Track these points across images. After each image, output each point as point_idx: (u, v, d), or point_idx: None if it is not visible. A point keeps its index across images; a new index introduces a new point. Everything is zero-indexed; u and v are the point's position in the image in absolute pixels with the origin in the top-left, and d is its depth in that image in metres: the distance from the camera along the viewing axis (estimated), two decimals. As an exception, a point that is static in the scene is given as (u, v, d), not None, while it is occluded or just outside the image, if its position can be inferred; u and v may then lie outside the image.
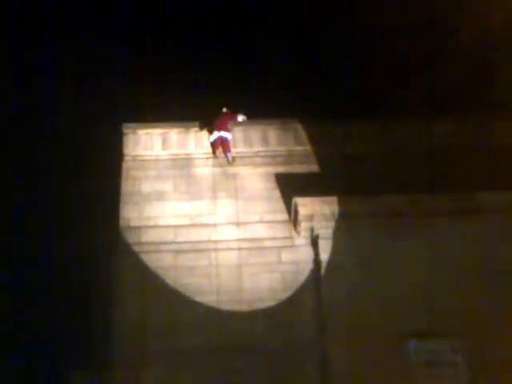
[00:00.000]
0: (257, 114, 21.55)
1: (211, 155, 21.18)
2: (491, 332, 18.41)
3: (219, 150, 21.02)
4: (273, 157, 21.32)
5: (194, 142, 21.45)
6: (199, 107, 21.48)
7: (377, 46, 25.06)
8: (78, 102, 22.03)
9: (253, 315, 19.12)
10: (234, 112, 21.42)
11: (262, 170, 21.14)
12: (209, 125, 21.23)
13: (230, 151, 20.91)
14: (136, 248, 19.94)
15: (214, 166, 21.13)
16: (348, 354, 18.14)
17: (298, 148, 21.44)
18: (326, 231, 19.55)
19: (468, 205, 19.44)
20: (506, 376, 18.01)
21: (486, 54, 22.77)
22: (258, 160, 21.28)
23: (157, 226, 20.30)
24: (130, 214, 20.43)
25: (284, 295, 19.43)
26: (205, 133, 21.43)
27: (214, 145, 21.03)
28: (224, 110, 21.22)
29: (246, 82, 22.78)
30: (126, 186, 20.83)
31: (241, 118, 21.27)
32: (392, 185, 19.97)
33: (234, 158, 20.98)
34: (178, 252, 19.94)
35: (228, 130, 20.89)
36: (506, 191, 19.54)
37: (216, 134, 20.84)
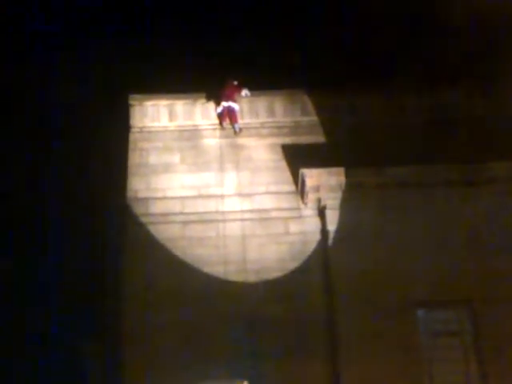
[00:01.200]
0: (263, 85, 21.46)
1: (218, 126, 21.17)
2: (497, 301, 18.50)
3: (226, 121, 21.01)
4: (279, 128, 21.30)
5: (201, 113, 21.42)
6: (206, 78, 21.40)
7: (383, 16, 24.91)
8: (83, 74, 21.99)
9: (260, 285, 19.23)
10: (240, 84, 21.34)
11: (268, 141, 21.13)
12: (216, 95, 21.19)
13: (237, 122, 20.90)
14: (144, 219, 20.02)
15: (220, 137, 21.12)
16: (356, 324, 18.28)
17: (305, 119, 21.40)
18: (333, 202, 19.59)
19: (478, 175, 19.46)
20: (510, 346, 18.14)
21: (489, 26, 22.62)
22: (265, 131, 21.27)
23: (164, 198, 20.36)
24: (138, 185, 20.49)
25: (291, 266, 19.51)
26: (211, 104, 21.38)
27: (221, 115, 21.00)
28: (235, 82, 21.12)
29: (252, 53, 22.68)
30: (133, 158, 20.87)
31: (244, 92, 21.14)
32: (399, 156, 19.95)
33: (241, 128, 20.98)
34: (185, 223, 20.02)
35: (235, 101, 20.85)
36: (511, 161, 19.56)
37: (223, 105, 20.82)
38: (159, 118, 21.36)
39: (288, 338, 18.70)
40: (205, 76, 21.64)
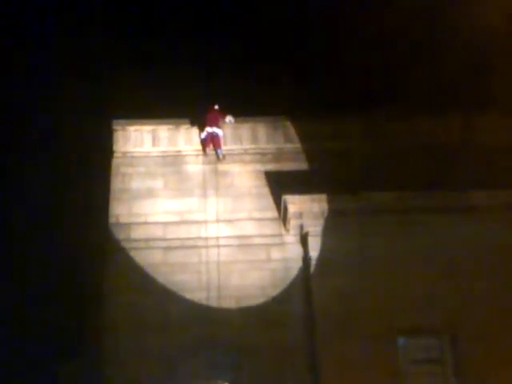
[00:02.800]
0: (246, 112, 21.54)
1: (201, 152, 21.20)
2: (478, 328, 18.54)
3: (210, 147, 21.04)
4: (262, 154, 21.36)
5: (184, 138, 21.46)
6: (189, 105, 21.45)
7: (365, 43, 25.11)
8: (67, 99, 21.97)
9: (242, 312, 19.18)
10: (222, 108, 21.36)
11: (251, 167, 21.18)
12: (199, 121, 21.23)
13: (220, 148, 20.94)
14: (126, 244, 19.96)
15: (203, 163, 21.15)
16: (337, 352, 18.21)
17: (288, 145, 21.49)
18: (315, 229, 19.62)
19: (457, 203, 19.57)
20: (493, 372, 18.15)
21: (478, 52, 22.87)
22: (248, 157, 21.32)
23: (146, 223, 20.32)
24: (120, 210, 20.44)
25: (273, 292, 19.50)
26: (195, 130, 21.43)
27: (204, 141, 21.04)
28: (215, 106, 21.19)
29: (235, 80, 22.79)
30: (116, 183, 20.83)
31: (228, 119, 21.11)
32: (381, 182, 20.04)
33: (224, 155, 21.02)
34: (167, 249, 19.98)
35: (219, 127, 20.90)
36: (495, 190, 19.68)
37: (207, 130, 20.84)
38: (142, 143, 21.37)
39: (269, 365, 18.63)
40: (188, 102, 21.70)
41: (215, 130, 20.81)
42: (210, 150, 21.05)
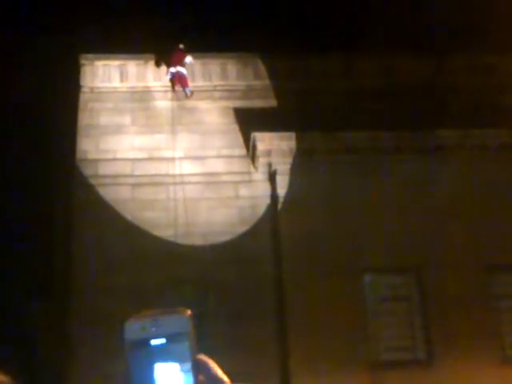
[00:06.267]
0: (216, 48, 21.24)
1: (170, 89, 20.94)
2: (444, 267, 18.78)
3: (177, 86, 20.77)
4: (231, 91, 21.17)
5: (153, 74, 21.18)
6: (158, 40, 21.09)
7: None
8: (32, 32, 21.53)
9: (210, 249, 19.23)
10: (185, 49, 20.91)
11: (220, 104, 21.00)
12: (165, 60, 20.89)
13: (187, 86, 20.68)
14: (93, 181, 19.83)
15: (172, 99, 20.91)
16: (303, 288, 18.40)
17: (257, 83, 21.29)
18: (283, 167, 19.60)
19: (429, 142, 19.62)
20: (456, 309, 18.45)
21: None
22: (217, 94, 21.12)
23: (114, 159, 20.17)
24: (87, 146, 20.26)
25: (241, 230, 19.55)
26: (163, 66, 21.11)
27: (172, 80, 20.76)
28: (180, 46, 20.76)
29: (206, 15, 22.40)
30: (84, 119, 20.60)
31: (188, 59, 20.63)
32: (351, 121, 19.97)
33: (192, 92, 20.78)
34: (135, 185, 19.89)
35: (183, 65, 20.52)
36: (465, 129, 19.72)
37: (171, 71, 20.49)
38: (110, 78, 21.07)
39: (236, 301, 18.76)
40: (157, 37, 21.31)
41: (179, 69, 20.46)
42: (178, 87, 20.78)
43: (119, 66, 21.17)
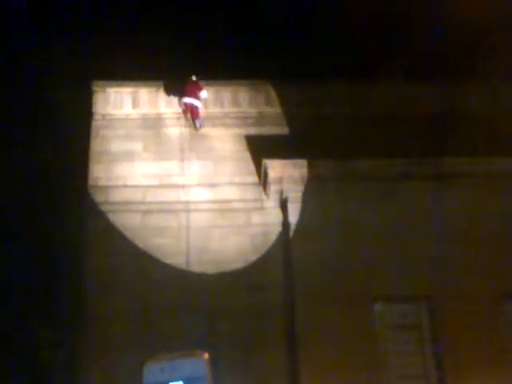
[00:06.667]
0: (228, 75, 21.33)
1: (182, 115, 20.97)
2: (455, 295, 18.71)
3: (188, 117, 20.80)
4: (243, 118, 21.21)
5: (165, 101, 21.23)
6: (171, 67, 21.21)
7: (349, 8, 24.88)
8: (47, 60, 21.68)
9: (221, 277, 19.19)
10: (199, 80, 20.92)
11: (232, 131, 21.04)
12: (176, 89, 20.96)
13: (198, 118, 20.72)
14: (104, 207, 19.82)
15: (184, 126, 20.96)
16: (315, 316, 18.34)
17: (269, 110, 21.34)
18: (295, 194, 19.59)
19: (437, 170, 19.62)
20: (468, 337, 18.35)
21: (469, 21, 22.75)
22: (229, 121, 21.17)
23: (125, 186, 20.17)
24: (99, 173, 20.27)
25: (253, 257, 19.51)
26: (175, 93, 21.17)
27: (184, 111, 20.80)
28: (193, 77, 20.83)
29: (218, 43, 22.56)
30: (95, 145, 20.64)
31: (204, 94, 20.63)
32: (362, 149, 19.99)
33: (201, 125, 20.79)
34: (146, 212, 19.88)
35: (197, 98, 20.60)
36: (474, 158, 19.72)
37: (185, 101, 20.53)
38: (122, 105, 21.13)
39: (247, 329, 18.71)
40: (169, 64, 21.45)
41: (193, 101, 20.51)
42: (188, 117, 20.80)
43: (131, 92, 21.24)
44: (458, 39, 22.09)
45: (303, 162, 19.63)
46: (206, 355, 4.52)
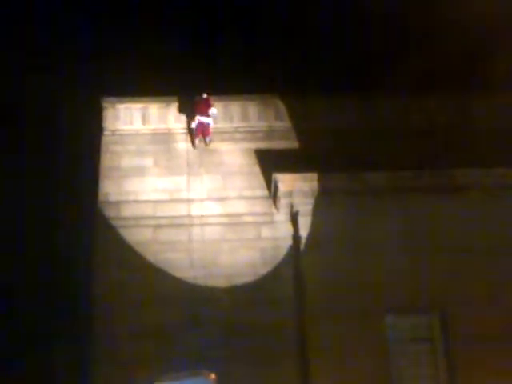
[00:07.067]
0: (237, 90, 21.42)
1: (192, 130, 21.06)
2: (467, 307, 18.61)
3: (199, 136, 20.82)
4: (253, 132, 21.27)
5: (174, 117, 21.34)
6: (180, 83, 21.31)
7: (360, 21, 24.96)
8: (57, 76, 21.86)
9: (231, 291, 19.20)
10: (209, 97, 20.93)
11: (241, 145, 21.10)
12: (188, 107, 21.04)
13: (209, 135, 20.82)
14: (115, 223, 19.90)
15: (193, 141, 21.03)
16: (326, 329, 18.30)
17: (278, 124, 21.39)
18: (305, 208, 19.60)
19: (447, 182, 19.59)
20: (482, 348, 18.23)
21: (473, 34, 22.79)
22: (238, 135, 21.23)
23: (136, 201, 20.25)
24: (109, 188, 20.36)
25: (263, 271, 19.51)
26: (185, 108, 21.27)
27: (195, 130, 20.84)
28: (204, 95, 20.90)
29: (227, 58, 22.67)
30: (106, 161, 20.74)
31: (213, 111, 20.67)
32: (372, 161, 20.01)
33: (210, 140, 20.86)
34: (157, 227, 19.94)
35: (208, 116, 20.69)
36: (485, 169, 19.68)
37: (198, 119, 20.60)
38: (132, 121, 21.23)
39: (258, 343, 18.68)
40: (179, 80, 21.56)
41: (205, 119, 20.60)
42: (199, 137, 20.85)
43: (141, 108, 21.35)
44: (464, 50, 22.11)
45: (313, 176, 19.65)
46: (213, 375, 4.52)
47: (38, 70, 22.07)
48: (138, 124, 21.23)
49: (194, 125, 20.78)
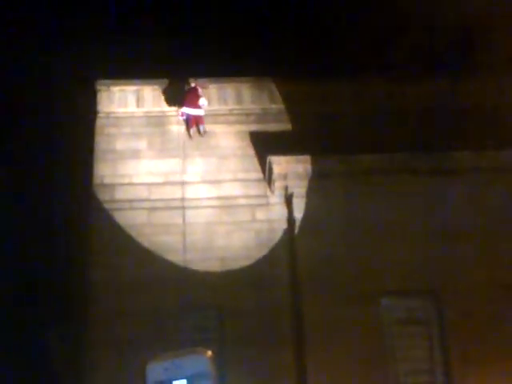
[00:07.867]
0: (231, 72, 21.33)
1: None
2: (462, 290, 18.64)
3: (193, 126, 20.62)
4: (247, 115, 21.20)
5: (169, 99, 21.22)
6: (174, 65, 21.20)
7: (355, 5, 24.86)
8: (50, 58, 21.76)
9: (226, 274, 19.18)
10: (197, 87, 20.73)
11: (236, 128, 21.02)
12: (179, 102, 20.82)
13: (203, 123, 20.66)
14: (109, 205, 19.86)
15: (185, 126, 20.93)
16: (321, 312, 18.30)
17: (273, 106, 21.31)
18: (299, 190, 19.57)
19: (444, 164, 19.56)
20: (476, 331, 18.28)
21: (465, 16, 22.68)
22: (232, 118, 21.16)
23: (131, 184, 20.20)
24: (104, 171, 20.31)
25: (258, 254, 19.49)
26: (180, 90, 21.14)
27: (187, 121, 20.66)
28: (192, 85, 20.70)
29: (221, 40, 22.56)
30: (100, 143, 20.68)
31: (202, 102, 20.44)
32: (366, 144, 19.96)
33: (204, 130, 20.73)
34: (151, 210, 19.90)
35: (198, 107, 20.43)
36: (480, 151, 19.65)
37: (187, 112, 20.44)
38: (126, 103, 21.15)
39: (253, 326, 18.69)
40: (174, 62, 21.46)
41: (195, 111, 20.39)
42: (193, 128, 20.71)
43: (135, 91, 21.27)
44: (460, 32, 22.02)
45: (307, 158, 19.61)
46: (210, 353, 4.53)
47: (30, 53, 21.99)
48: (132, 107, 21.14)
49: (183, 117, 20.51)
